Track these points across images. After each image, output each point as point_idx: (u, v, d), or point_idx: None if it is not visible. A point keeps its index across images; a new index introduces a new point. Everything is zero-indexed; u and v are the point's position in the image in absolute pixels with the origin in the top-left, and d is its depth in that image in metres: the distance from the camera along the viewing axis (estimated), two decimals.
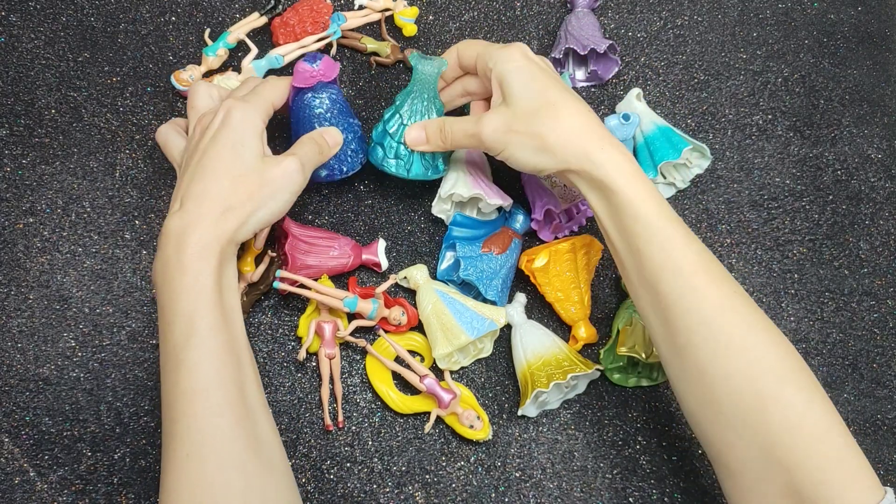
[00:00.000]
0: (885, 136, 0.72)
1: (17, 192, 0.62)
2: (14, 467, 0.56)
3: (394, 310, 0.60)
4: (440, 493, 0.58)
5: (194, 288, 0.47)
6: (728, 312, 0.47)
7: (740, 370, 0.45)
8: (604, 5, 0.73)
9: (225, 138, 0.50)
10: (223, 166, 0.50)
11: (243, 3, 0.69)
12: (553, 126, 0.51)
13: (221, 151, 0.50)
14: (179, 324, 0.47)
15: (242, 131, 0.51)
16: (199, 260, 0.48)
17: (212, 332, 0.47)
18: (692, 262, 0.48)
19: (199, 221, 0.48)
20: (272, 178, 0.51)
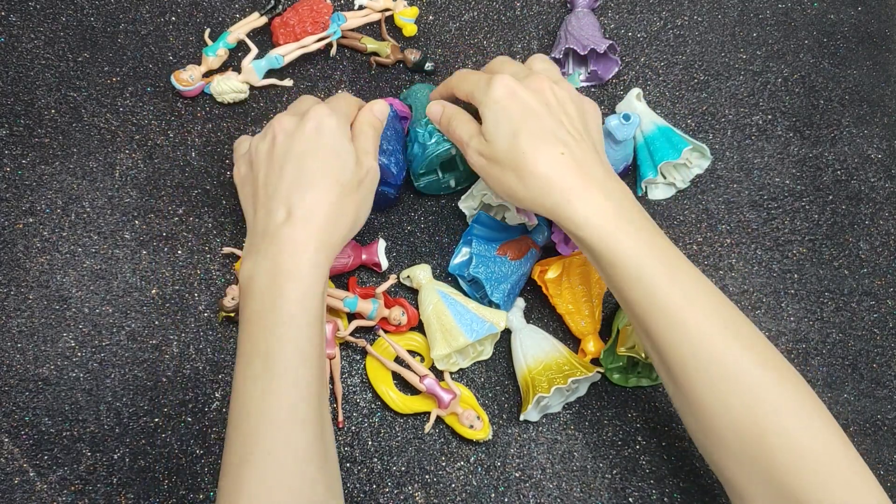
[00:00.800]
0: (885, 136, 0.72)
1: (17, 192, 0.62)
2: (14, 467, 0.56)
3: (394, 310, 0.60)
4: (440, 493, 0.58)
5: (307, 296, 0.47)
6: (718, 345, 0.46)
7: (737, 400, 0.45)
8: (604, 5, 0.73)
9: (327, 145, 0.51)
10: (332, 174, 0.50)
11: (243, 3, 0.69)
12: (519, 174, 0.49)
13: (328, 158, 0.50)
14: (279, 332, 0.46)
15: (341, 139, 0.51)
16: (314, 274, 0.48)
17: (311, 345, 0.47)
18: (678, 299, 0.46)
19: (316, 233, 0.48)
20: (366, 183, 0.52)
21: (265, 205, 0.50)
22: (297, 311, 0.47)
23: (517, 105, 0.50)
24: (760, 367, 0.45)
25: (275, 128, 0.52)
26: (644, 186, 0.67)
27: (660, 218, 0.67)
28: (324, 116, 0.51)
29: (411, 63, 0.68)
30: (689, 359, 0.46)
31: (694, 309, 0.46)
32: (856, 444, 0.62)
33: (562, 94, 0.51)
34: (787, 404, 0.45)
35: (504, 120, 0.50)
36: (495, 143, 0.50)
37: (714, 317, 0.47)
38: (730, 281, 0.66)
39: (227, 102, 0.66)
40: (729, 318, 0.47)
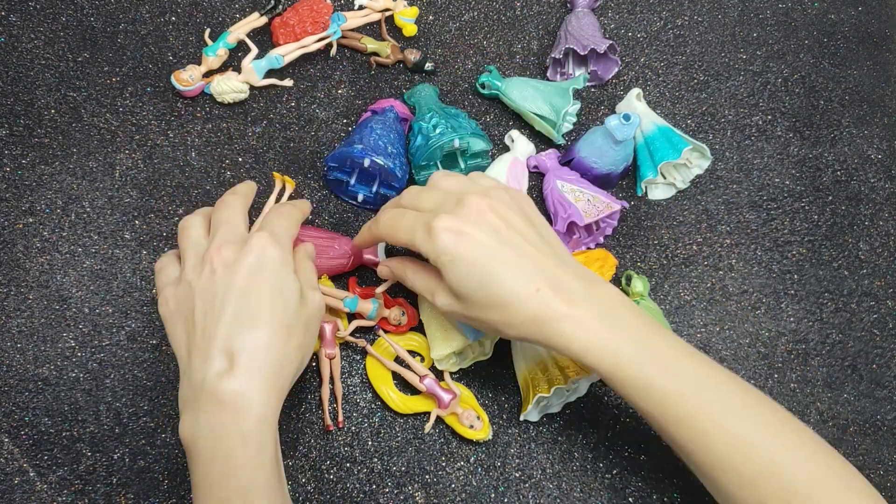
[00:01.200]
0: (885, 137, 0.72)
1: (17, 192, 0.62)
2: (14, 467, 0.56)
3: (394, 310, 0.60)
4: (440, 493, 0.58)
5: (255, 461, 0.43)
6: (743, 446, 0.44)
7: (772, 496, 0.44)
8: (604, 5, 0.73)
9: (270, 282, 0.46)
10: (277, 316, 0.46)
11: (243, 3, 0.69)
12: (505, 322, 0.46)
13: (272, 298, 0.46)
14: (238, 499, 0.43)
15: (283, 274, 0.47)
16: (263, 431, 0.44)
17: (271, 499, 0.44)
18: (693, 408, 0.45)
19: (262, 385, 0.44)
20: (310, 320, 0.48)
21: (202, 350, 0.45)
22: (251, 477, 0.43)
23: (470, 248, 0.45)
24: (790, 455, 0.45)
25: (213, 259, 0.46)
26: (644, 186, 0.67)
27: (660, 218, 0.67)
28: (266, 247, 0.47)
29: (411, 63, 0.68)
30: (718, 464, 0.45)
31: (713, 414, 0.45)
32: (855, 444, 0.62)
33: (500, 208, 0.47)
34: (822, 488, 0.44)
35: (465, 272, 0.46)
36: (465, 296, 0.47)
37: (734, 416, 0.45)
38: (729, 281, 0.66)
39: (227, 102, 0.66)
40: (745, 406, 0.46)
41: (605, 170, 0.64)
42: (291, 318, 0.47)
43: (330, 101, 0.68)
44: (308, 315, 0.49)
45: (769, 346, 0.64)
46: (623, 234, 0.66)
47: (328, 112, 0.67)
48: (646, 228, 0.67)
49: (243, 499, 0.43)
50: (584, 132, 0.67)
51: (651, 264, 0.66)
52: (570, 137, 0.69)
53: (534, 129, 0.68)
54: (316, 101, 0.68)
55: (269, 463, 0.44)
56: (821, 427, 0.63)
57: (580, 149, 0.64)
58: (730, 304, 0.65)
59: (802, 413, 0.63)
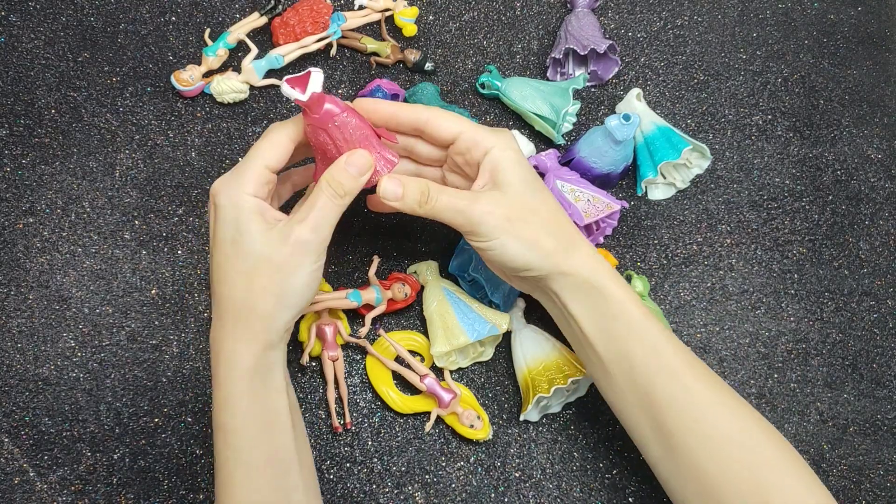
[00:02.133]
0: (885, 136, 0.72)
1: (17, 192, 0.62)
2: (14, 467, 0.56)
3: (394, 287, 0.60)
4: (440, 493, 0.58)
5: (228, 402, 0.46)
6: (720, 408, 0.47)
7: (739, 464, 0.46)
8: (604, 5, 0.73)
9: (222, 233, 0.46)
10: (231, 266, 0.46)
11: (243, 3, 0.69)
12: (547, 225, 0.49)
13: (224, 249, 0.46)
14: (218, 439, 0.46)
15: (235, 218, 0.46)
16: (229, 374, 0.46)
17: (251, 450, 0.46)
18: (681, 362, 0.48)
19: (226, 332, 0.46)
20: (283, 261, 0.45)
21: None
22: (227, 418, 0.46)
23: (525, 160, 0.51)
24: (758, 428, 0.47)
25: None
26: (644, 186, 0.67)
27: (660, 218, 0.67)
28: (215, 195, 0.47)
29: (411, 63, 0.68)
30: (692, 424, 0.47)
31: (694, 373, 0.48)
32: (855, 444, 0.62)
33: None
34: (783, 463, 0.46)
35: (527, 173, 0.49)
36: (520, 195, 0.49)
37: (712, 382, 0.48)
38: (730, 281, 0.66)
39: (227, 102, 0.66)
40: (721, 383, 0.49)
41: (605, 170, 0.64)
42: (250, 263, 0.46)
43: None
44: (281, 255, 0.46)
45: (769, 345, 0.64)
46: (623, 234, 0.66)
47: None
48: (646, 228, 0.67)
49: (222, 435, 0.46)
50: (583, 132, 0.67)
51: (651, 264, 0.66)
52: (569, 137, 0.69)
53: (534, 129, 0.68)
54: None
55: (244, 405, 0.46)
56: (821, 427, 0.63)
57: (580, 149, 0.64)
58: (730, 303, 0.65)
59: (802, 413, 0.63)
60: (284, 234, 0.45)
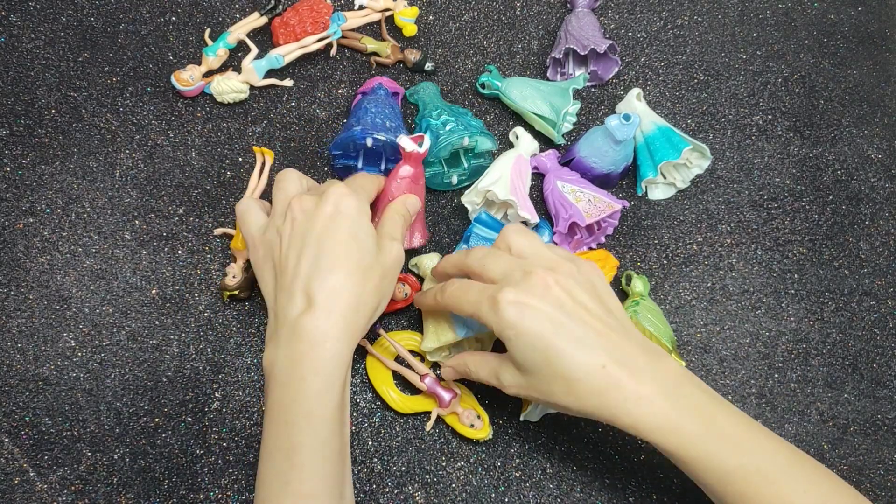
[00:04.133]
0: (885, 136, 0.72)
1: (17, 192, 0.62)
2: (14, 467, 0.56)
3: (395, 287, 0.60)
4: (440, 493, 0.58)
5: (326, 392, 0.46)
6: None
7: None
8: (604, 5, 0.73)
9: (346, 228, 0.49)
10: (353, 259, 0.48)
11: (243, 3, 0.69)
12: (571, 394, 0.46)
13: (347, 242, 0.49)
14: (301, 425, 0.46)
15: (360, 221, 0.50)
16: (335, 365, 0.47)
17: (330, 439, 0.46)
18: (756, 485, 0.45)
19: (338, 322, 0.47)
20: (389, 268, 0.50)
21: (285, 289, 0.49)
22: (318, 405, 0.46)
23: (536, 322, 0.46)
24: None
25: (294, 209, 0.50)
26: (644, 186, 0.67)
27: (660, 218, 0.67)
28: (343, 196, 0.50)
29: (411, 63, 0.68)
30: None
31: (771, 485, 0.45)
32: (855, 444, 0.62)
33: (566, 282, 0.48)
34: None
35: (529, 346, 0.46)
36: (530, 370, 0.47)
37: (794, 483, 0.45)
38: (730, 281, 0.66)
39: (228, 102, 0.66)
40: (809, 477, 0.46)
41: (605, 170, 0.64)
42: (367, 261, 0.49)
43: (330, 101, 0.68)
44: (385, 262, 0.51)
45: (770, 345, 0.64)
46: (623, 233, 0.66)
47: (328, 112, 0.67)
48: (646, 228, 0.67)
49: (307, 421, 0.46)
50: (584, 132, 0.67)
51: (651, 264, 0.66)
52: (569, 137, 0.69)
53: (534, 129, 0.68)
54: (316, 101, 0.68)
55: (335, 396, 0.47)
56: (821, 427, 0.63)
57: (580, 149, 0.64)
58: (730, 303, 0.65)
59: (803, 413, 0.63)
60: (387, 248, 0.51)
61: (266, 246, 0.52)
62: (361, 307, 0.49)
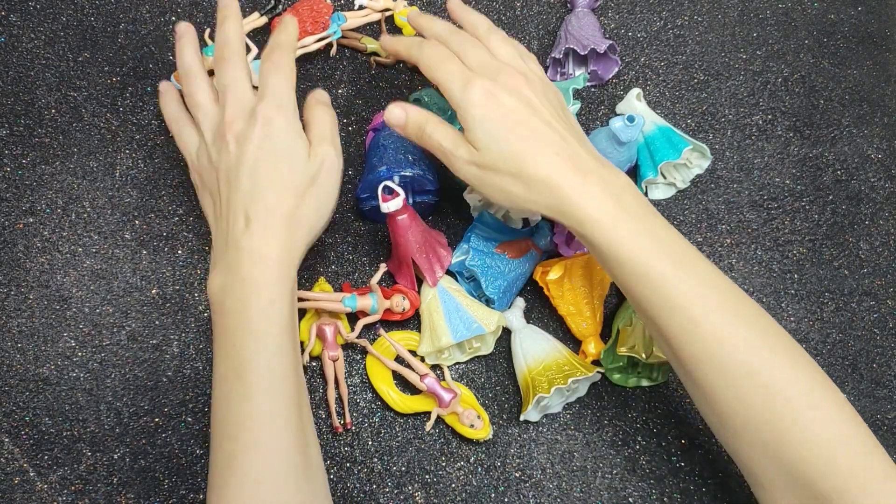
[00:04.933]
0: (885, 136, 0.72)
1: (17, 192, 0.62)
2: (14, 467, 0.56)
3: (394, 298, 0.59)
4: (440, 493, 0.58)
5: (271, 308, 0.47)
6: (731, 341, 0.46)
7: (752, 396, 0.45)
8: (604, 5, 0.73)
9: (275, 150, 0.49)
10: (283, 181, 0.49)
11: (243, 2, 0.69)
12: (521, 179, 0.48)
13: (277, 165, 0.49)
14: (251, 344, 0.46)
15: (288, 139, 0.50)
16: (278, 279, 0.47)
17: (282, 354, 0.47)
18: (685, 296, 0.46)
19: (277, 240, 0.48)
20: (323, 178, 0.51)
21: (224, 214, 0.50)
22: (264, 323, 0.47)
23: (501, 110, 0.49)
24: (773, 359, 0.46)
25: (226, 134, 0.50)
26: (644, 186, 0.67)
27: None
28: (271, 117, 0.50)
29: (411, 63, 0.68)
30: (704, 358, 0.46)
31: (705, 306, 0.46)
32: None
33: (538, 87, 0.51)
34: (800, 394, 0.45)
35: (492, 128, 0.49)
36: (488, 150, 0.49)
37: (725, 311, 0.46)
38: None
39: None
40: (740, 308, 0.47)
41: None
42: (299, 179, 0.50)
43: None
44: (318, 173, 0.51)
45: None
46: None
47: None
48: None
49: (254, 340, 0.46)
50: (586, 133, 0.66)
51: None
52: None
53: None
54: None
55: (282, 314, 0.47)
56: None
57: None
58: None
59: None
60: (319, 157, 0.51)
61: (203, 173, 0.52)
62: (300, 221, 0.50)
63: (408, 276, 0.60)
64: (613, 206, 0.47)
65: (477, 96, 0.49)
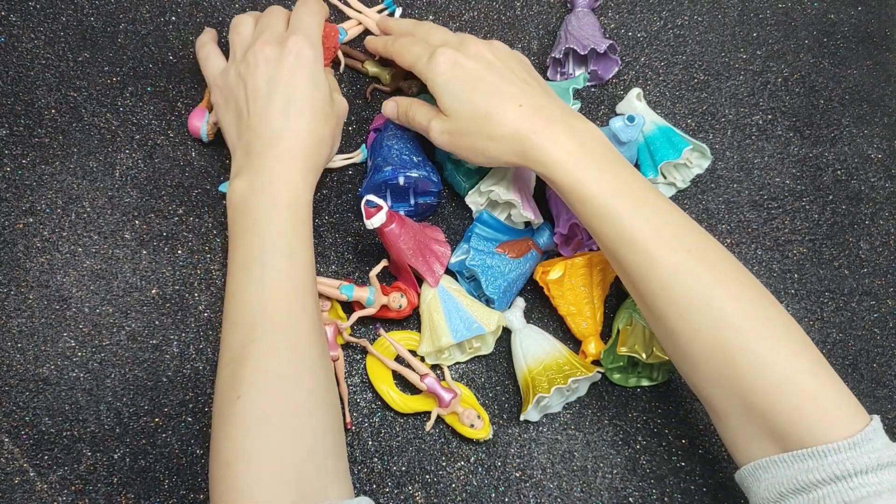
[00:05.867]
0: (885, 136, 0.72)
1: (17, 192, 0.62)
2: (14, 467, 0.56)
3: (392, 295, 0.59)
4: (440, 493, 0.58)
5: (298, 201, 0.52)
6: (683, 274, 0.48)
7: (705, 326, 0.47)
8: (604, 5, 0.73)
9: (306, 77, 0.54)
10: (315, 105, 0.54)
11: (243, 3, 0.69)
12: (489, 135, 0.52)
13: (308, 89, 0.54)
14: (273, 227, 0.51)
15: (317, 71, 0.55)
16: (303, 180, 0.53)
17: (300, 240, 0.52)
18: (641, 232, 0.48)
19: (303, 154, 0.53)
20: (339, 115, 0.58)
21: (253, 128, 0.54)
22: (288, 214, 0.51)
23: (464, 73, 0.53)
24: (725, 291, 0.47)
25: (257, 56, 0.54)
26: None
27: None
28: (304, 48, 0.54)
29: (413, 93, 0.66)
30: (659, 291, 0.48)
31: (659, 240, 0.48)
32: None
33: (500, 51, 0.55)
34: (752, 326, 0.46)
35: (457, 90, 0.53)
36: (456, 114, 0.53)
37: (679, 246, 0.48)
38: None
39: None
40: (695, 244, 0.49)
41: None
42: (327, 108, 0.56)
43: None
44: (338, 110, 0.58)
45: None
46: None
47: None
48: None
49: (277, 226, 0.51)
50: None
51: None
52: None
53: None
54: None
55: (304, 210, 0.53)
56: None
57: None
58: None
59: None
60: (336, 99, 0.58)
61: (227, 89, 0.56)
62: (321, 148, 0.55)
63: (408, 279, 0.60)
64: (579, 150, 0.50)
65: (441, 65, 0.53)
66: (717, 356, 0.47)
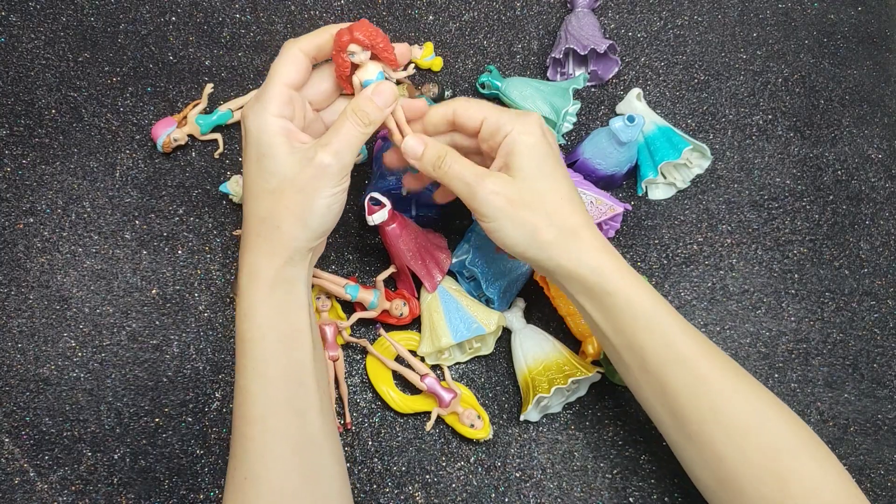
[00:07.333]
0: (885, 136, 0.72)
1: (17, 192, 0.62)
2: (14, 467, 0.56)
3: (395, 302, 0.59)
4: (440, 493, 0.58)
5: (248, 314, 0.47)
6: (735, 395, 0.46)
7: (757, 450, 0.45)
8: (604, 5, 0.73)
9: (249, 153, 0.48)
10: (257, 185, 0.47)
11: (243, 3, 0.69)
12: (552, 221, 0.47)
13: (250, 168, 0.48)
14: (238, 346, 0.47)
15: (260, 139, 0.47)
16: (250, 285, 0.47)
17: (268, 358, 0.47)
18: (694, 351, 0.47)
19: (250, 246, 0.48)
20: (306, 183, 0.46)
21: None
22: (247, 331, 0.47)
23: (548, 146, 0.48)
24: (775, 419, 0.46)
25: None
26: (644, 186, 0.67)
27: (660, 218, 0.67)
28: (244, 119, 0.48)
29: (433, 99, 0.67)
30: (708, 413, 0.46)
31: (709, 361, 0.47)
32: (856, 444, 0.62)
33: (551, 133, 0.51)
34: (800, 447, 0.46)
35: (542, 160, 0.48)
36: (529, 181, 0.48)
37: (726, 368, 0.47)
38: (730, 281, 0.66)
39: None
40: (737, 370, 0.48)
41: (610, 171, 0.64)
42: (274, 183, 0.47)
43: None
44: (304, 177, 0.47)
45: (770, 345, 0.64)
46: (623, 233, 0.66)
47: None
48: (646, 228, 0.67)
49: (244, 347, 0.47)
50: (584, 132, 0.67)
51: (651, 264, 0.66)
52: (570, 137, 0.69)
53: None
54: None
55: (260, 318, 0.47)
56: (821, 427, 0.63)
57: (584, 150, 0.64)
58: (730, 303, 0.65)
59: (803, 413, 0.63)
60: (308, 156, 0.46)
61: None
62: (278, 228, 0.47)
63: (406, 283, 0.60)
64: (620, 264, 0.48)
65: (534, 126, 0.48)
66: (768, 481, 0.44)
